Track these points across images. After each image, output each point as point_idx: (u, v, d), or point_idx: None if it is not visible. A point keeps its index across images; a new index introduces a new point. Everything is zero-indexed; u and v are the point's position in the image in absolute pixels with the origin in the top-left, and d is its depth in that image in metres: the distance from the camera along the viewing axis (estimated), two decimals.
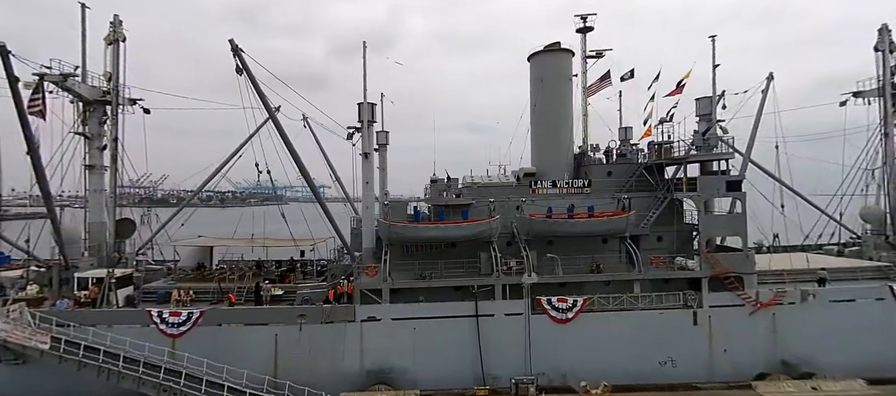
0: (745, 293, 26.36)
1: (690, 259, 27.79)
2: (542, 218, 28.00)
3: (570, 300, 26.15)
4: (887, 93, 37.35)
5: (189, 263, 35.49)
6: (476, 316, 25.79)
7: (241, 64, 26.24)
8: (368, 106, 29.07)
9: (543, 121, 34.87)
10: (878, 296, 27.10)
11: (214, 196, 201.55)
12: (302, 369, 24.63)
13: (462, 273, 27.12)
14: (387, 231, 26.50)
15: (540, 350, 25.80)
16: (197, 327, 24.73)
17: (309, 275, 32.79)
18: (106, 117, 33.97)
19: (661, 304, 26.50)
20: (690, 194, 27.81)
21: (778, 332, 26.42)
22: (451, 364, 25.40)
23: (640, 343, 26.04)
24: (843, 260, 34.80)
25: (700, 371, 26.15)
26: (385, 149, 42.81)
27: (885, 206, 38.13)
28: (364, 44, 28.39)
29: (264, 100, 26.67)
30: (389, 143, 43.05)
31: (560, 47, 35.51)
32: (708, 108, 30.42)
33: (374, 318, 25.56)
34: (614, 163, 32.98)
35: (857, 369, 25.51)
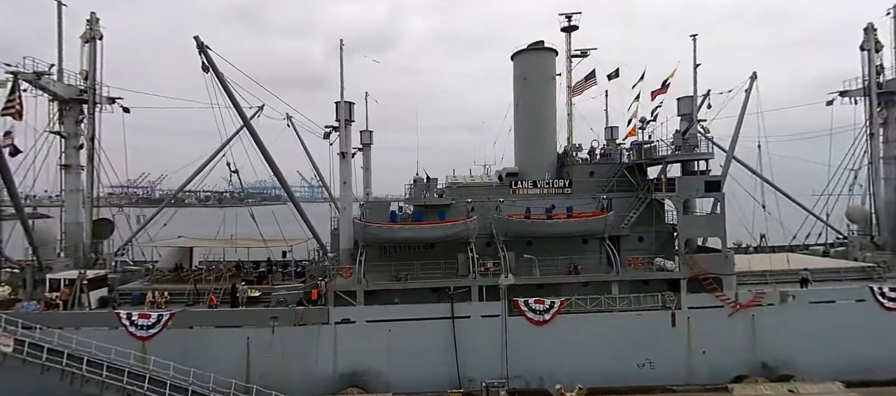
0: (723, 294, 26.10)
1: (670, 260, 27.50)
2: (520, 218, 27.68)
3: (548, 301, 25.85)
4: (872, 92, 37.15)
5: (168, 264, 35.05)
6: (452, 318, 25.46)
7: (208, 61, 25.82)
8: (346, 105, 28.72)
9: (526, 120, 34.59)
10: (859, 298, 26.87)
11: (212, 196, 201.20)
12: (274, 372, 24.28)
13: (438, 274, 26.79)
14: (362, 231, 26.16)
15: (517, 353, 25.49)
16: (167, 329, 24.33)
17: (288, 277, 32.40)
18: (83, 116, 33.56)
19: (639, 306, 26.21)
20: (669, 194, 27.52)
21: (757, 334, 26.18)
22: (426, 367, 25.07)
23: (618, 345, 25.77)
24: (826, 261, 34.62)
25: (678, 372, 25.88)
26: (369, 149, 42.66)
27: (871, 207, 37.98)
28: (340, 42, 28.06)
29: (233, 99, 26.27)
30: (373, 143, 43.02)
31: (543, 46, 35.28)
32: (689, 108, 30.14)
33: (348, 320, 25.21)
34: (596, 163, 32.69)
35: (837, 371, 25.29)
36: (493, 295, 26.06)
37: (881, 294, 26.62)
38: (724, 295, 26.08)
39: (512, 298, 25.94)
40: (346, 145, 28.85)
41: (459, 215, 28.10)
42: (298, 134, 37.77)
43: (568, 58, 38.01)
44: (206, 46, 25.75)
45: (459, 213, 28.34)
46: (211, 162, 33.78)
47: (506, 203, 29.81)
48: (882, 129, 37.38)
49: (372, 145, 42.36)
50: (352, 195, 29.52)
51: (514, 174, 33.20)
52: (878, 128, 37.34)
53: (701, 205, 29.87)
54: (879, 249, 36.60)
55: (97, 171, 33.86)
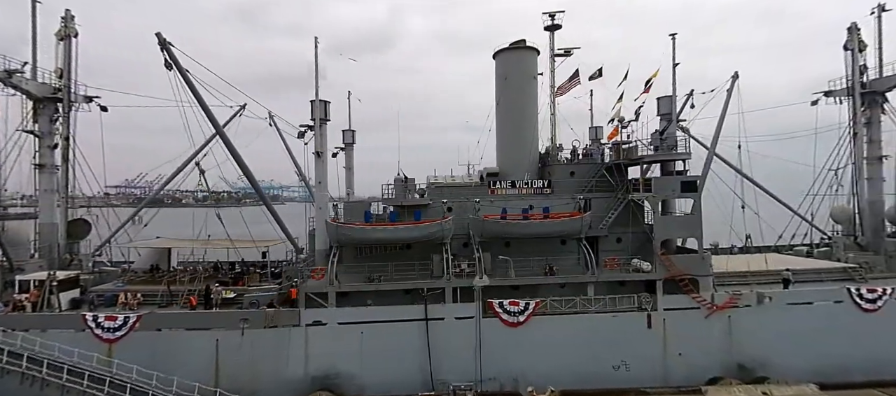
0: (699, 295, 25.86)
1: (647, 261, 27.21)
2: (496, 219, 27.37)
3: (522, 303, 25.57)
4: (856, 92, 36.96)
5: (145, 265, 34.65)
6: (425, 320, 25.15)
7: (171, 59, 25.39)
8: (321, 104, 28.35)
9: (508, 120, 34.31)
10: (837, 299, 26.65)
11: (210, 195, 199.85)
12: (244, 375, 23.95)
13: (413, 275, 26.46)
14: (334, 232, 25.80)
15: (491, 355, 25.20)
16: (134, 332, 23.95)
17: (265, 278, 32.03)
18: (58, 115, 33.10)
19: (615, 307, 25.95)
20: (646, 195, 27.25)
21: (734, 335, 25.95)
22: (399, 370, 24.77)
23: (594, 347, 25.50)
24: (808, 261, 34.47)
25: (654, 374, 25.65)
26: (351, 149, 42.39)
27: (854, 207, 37.81)
28: (315, 39, 27.66)
29: (199, 97, 25.85)
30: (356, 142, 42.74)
31: (525, 45, 34.98)
32: (668, 108, 29.89)
33: (320, 322, 24.86)
34: (576, 164, 32.41)
35: (814, 372, 25.10)
36: (469, 297, 25.77)
37: (859, 295, 26.40)
38: (700, 297, 25.84)
39: (487, 300, 25.66)
40: (322, 145, 28.46)
41: (438, 216, 27.81)
42: (280, 133, 37.47)
43: (551, 57, 37.67)
44: (169, 43, 25.32)
45: (438, 214, 28.06)
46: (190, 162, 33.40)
47: (484, 203, 29.57)
48: (866, 129, 37.22)
49: (354, 145, 42.18)
50: (327, 195, 29.13)
51: (494, 174, 32.93)
52: (862, 128, 37.17)
53: (680, 206, 29.63)
54: (863, 250, 36.48)
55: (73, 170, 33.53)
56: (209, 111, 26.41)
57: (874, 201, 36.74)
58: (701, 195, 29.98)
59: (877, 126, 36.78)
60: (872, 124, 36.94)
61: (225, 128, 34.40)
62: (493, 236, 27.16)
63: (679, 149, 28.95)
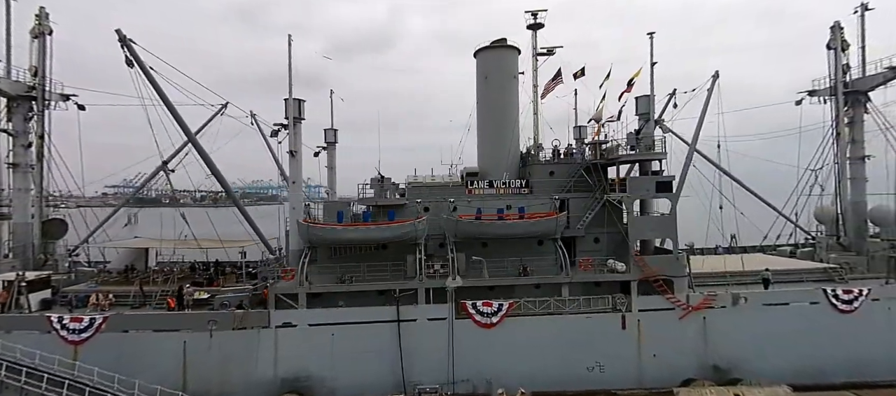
0: (673, 296, 25.64)
1: (622, 261, 26.96)
2: (471, 219, 27.10)
3: (496, 304, 25.31)
4: (839, 91, 36.80)
5: (120, 265, 34.29)
6: (397, 322, 24.88)
7: (132, 56, 25.00)
8: (295, 102, 28.03)
9: (488, 119, 34.07)
10: (813, 300, 26.46)
11: (207, 196, 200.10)
12: (212, 377, 23.64)
13: (386, 276, 26.18)
14: (306, 233, 25.50)
15: (463, 356, 24.95)
16: (101, 334, 23.61)
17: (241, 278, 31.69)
18: (33, 113, 32.72)
19: (589, 308, 25.71)
20: (621, 195, 27.01)
21: (709, 336, 25.75)
22: (371, 372, 24.49)
23: (567, 348, 25.28)
24: (788, 261, 34.33)
25: (629, 376, 25.43)
26: (333, 148, 42.08)
27: (837, 207, 37.64)
28: (289, 37, 27.32)
29: (162, 94, 25.48)
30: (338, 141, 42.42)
31: (506, 44, 34.74)
32: (646, 107, 29.63)
33: (290, 324, 24.55)
34: (556, 163, 32.16)
35: (790, 373, 24.95)
36: (443, 298, 25.51)
37: (835, 296, 26.21)
38: (675, 297, 25.62)
39: (460, 301, 25.40)
40: (296, 144, 28.15)
41: (414, 216, 27.52)
42: (262, 132, 37.15)
43: (534, 56, 37.40)
44: (130, 40, 24.93)
45: (414, 214, 27.78)
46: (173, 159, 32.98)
47: (461, 203, 29.34)
48: (848, 129, 37.05)
49: (336, 144, 41.86)
50: (302, 195, 28.82)
51: (474, 174, 32.70)
52: (845, 128, 36.99)
53: (660, 206, 29.39)
54: (845, 250, 36.33)
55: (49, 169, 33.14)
56: (175, 110, 26.01)
57: (857, 201, 36.58)
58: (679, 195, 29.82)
59: (859, 126, 36.60)
60: (855, 124, 36.76)
61: (206, 127, 34.38)
62: (467, 236, 26.90)
63: (657, 149, 28.71)
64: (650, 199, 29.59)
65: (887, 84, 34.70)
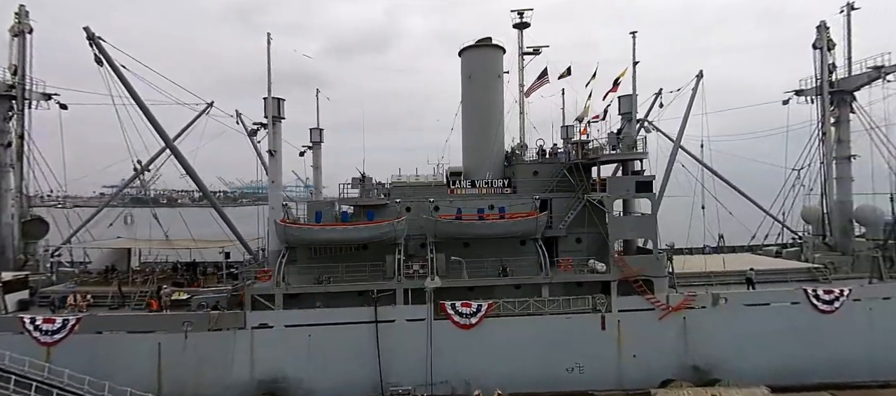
0: (653, 296, 25.50)
1: (603, 262, 26.81)
2: (451, 219, 26.92)
3: (475, 305, 25.14)
4: (825, 91, 36.68)
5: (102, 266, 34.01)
6: (375, 323, 24.69)
7: (100, 53, 24.70)
8: (274, 101, 27.82)
9: (473, 119, 33.93)
10: (794, 300, 26.34)
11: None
12: (187, 379, 23.42)
13: (364, 276, 25.98)
14: (282, 233, 25.29)
15: (442, 357, 24.78)
16: (74, 335, 23.37)
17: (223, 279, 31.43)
18: (12, 113, 32.43)
19: (569, 308, 25.56)
20: (601, 195, 26.84)
21: (689, 337, 25.62)
22: (348, 373, 24.30)
23: (547, 349, 25.13)
24: (774, 261, 34.23)
25: (608, 377, 25.29)
26: (319, 147, 41.86)
27: (822, 207, 37.56)
28: (268, 35, 27.11)
29: (133, 92, 25.19)
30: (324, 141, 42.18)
31: (490, 43, 34.58)
32: (629, 107, 29.49)
33: (266, 325, 24.35)
34: (540, 163, 32.01)
35: (770, 374, 24.89)
36: (423, 299, 25.32)
37: (815, 296, 26.10)
38: (654, 298, 25.49)
39: (440, 301, 25.23)
40: (275, 143, 27.94)
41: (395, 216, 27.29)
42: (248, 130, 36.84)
43: (520, 55, 37.24)
44: (100, 38, 24.66)
45: (395, 214, 27.58)
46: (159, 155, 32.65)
47: (444, 203, 29.17)
48: (834, 129, 36.96)
49: (322, 143, 41.63)
50: (281, 194, 28.61)
51: (458, 173, 32.52)
52: (831, 128, 36.90)
53: (640, 206, 29.24)
54: (831, 250, 36.26)
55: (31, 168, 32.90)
56: (147, 109, 25.71)
57: (843, 201, 36.48)
58: (663, 194, 29.75)
59: (845, 125, 36.47)
60: (841, 123, 36.62)
61: (192, 126, 34.16)
62: (446, 236, 26.71)
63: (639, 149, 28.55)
64: (633, 199, 29.46)
65: (872, 84, 34.66)
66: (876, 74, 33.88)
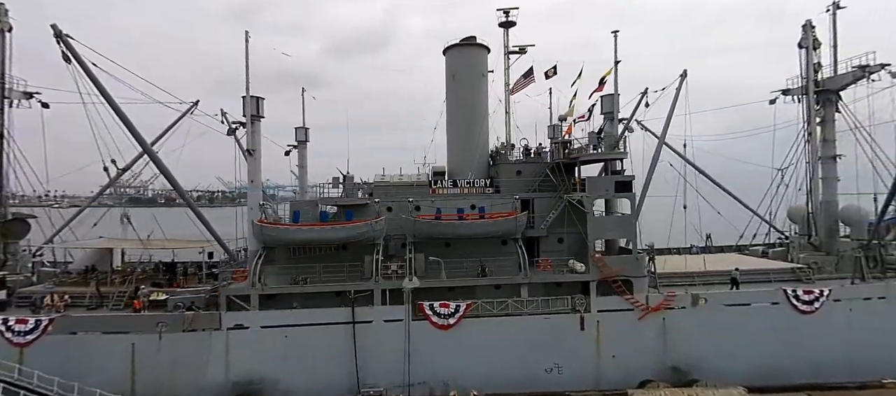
0: (632, 296, 25.38)
1: (582, 262, 26.68)
2: (430, 219, 26.76)
3: (453, 305, 24.99)
4: (810, 91, 36.58)
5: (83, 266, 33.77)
6: (352, 323, 24.52)
7: (68, 51, 24.41)
8: (253, 100, 27.60)
9: (457, 118, 33.75)
10: (774, 301, 26.25)
11: (204, 195, 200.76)
12: (161, 381, 23.21)
13: (343, 277, 25.80)
14: (259, 233, 25.10)
15: (420, 358, 24.61)
16: (48, 336, 23.15)
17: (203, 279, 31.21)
18: None
19: (548, 309, 25.43)
20: (581, 195, 26.70)
21: (668, 337, 25.50)
22: (325, 374, 24.13)
23: (525, 350, 25.00)
24: (759, 261, 34.15)
25: (587, 377, 25.17)
26: (304, 147, 41.59)
27: (808, 207, 37.49)
28: (246, 33, 26.90)
29: (103, 90, 24.91)
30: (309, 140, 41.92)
31: (475, 42, 34.42)
32: (611, 106, 29.35)
33: (242, 326, 24.16)
34: (523, 163, 31.87)
35: (749, 375, 24.83)
36: (401, 299, 25.15)
37: (795, 297, 26.01)
38: (633, 298, 25.37)
39: (417, 302, 25.07)
40: (254, 142, 27.73)
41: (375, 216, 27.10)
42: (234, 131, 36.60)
43: (505, 55, 37.07)
44: (67, 36, 24.39)
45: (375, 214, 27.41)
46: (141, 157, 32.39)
47: (426, 203, 29.02)
48: (820, 128, 36.87)
49: (307, 143, 41.39)
50: (260, 194, 28.41)
51: (441, 173, 32.38)
52: (816, 127, 36.81)
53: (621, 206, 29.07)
54: (817, 250, 36.20)
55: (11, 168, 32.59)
56: (118, 108, 25.44)
57: (828, 201, 36.41)
58: (645, 194, 29.58)
59: (830, 125, 36.38)
60: (826, 123, 36.55)
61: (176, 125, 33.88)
62: (425, 236, 26.55)
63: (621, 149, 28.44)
64: (615, 199, 29.33)
65: (857, 83, 34.58)
66: (861, 74, 33.79)
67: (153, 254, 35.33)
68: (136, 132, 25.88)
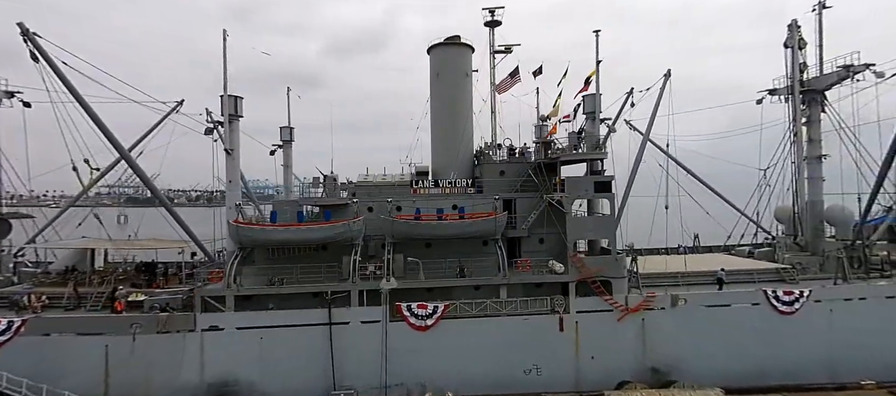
0: (610, 297, 25.23)
1: (561, 262, 26.51)
2: (409, 219, 26.57)
3: (431, 306, 24.81)
4: (796, 91, 36.47)
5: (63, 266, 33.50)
6: (329, 324, 24.32)
7: (36, 50, 24.16)
8: (230, 99, 27.42)
9: (440, 117, 33.58)
10: (754, 301, 26.11)
11: (202, 195, 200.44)
12: (135, 383, 22.99)
13: (320, 278, 25.59)
14: (235, 233, 24.89)
15: (398, 359, 24.43)
16: (21, 337, 22.91)
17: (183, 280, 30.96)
18: None
19: (527, 310, 25.26)
20: (560, 195, 26.53)
21: (647, 338, 25.36)
22: (301, 376, 23.94)
23: (504, 351, 24.84)
24: (744, 261, 34.01)
25: (566, 378, 25.01)
26: (289, 146, 41.46)
27: (793, 207, 37.38)
28: (224, 31, 26.72)
29: (72, 89, 24.67)
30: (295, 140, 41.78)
31: (459, 41, 34.24)
32: (592, 106, 29.19)
33: (217, 327, 23.94)
34: (506, 163, 31.69)
35: (729, 376, 24.71)
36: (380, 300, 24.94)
37: (775, 297, 25.88)
38: (612, 299, 25.21)
39: (396, 303, 24.89)
40: (233, 142, 27.55)
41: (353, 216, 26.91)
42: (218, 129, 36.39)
43: (491, 54, 36.88)
44: (35, 34, 24.14)
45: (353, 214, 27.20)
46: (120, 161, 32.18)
47: (408, 203, 28.85)
48: (806, 128, 36.76)
49: (292, 142, 41.23)
50: (238, 194, 28.20)
51: (424, 172, 32.19)
52: (802, 127, 36.70)
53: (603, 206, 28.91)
54: (803, 250, 36.09)
55: None
56: (89, 108, 25.21)
57: (814, 201, 36.30)
58: (628, 193, 29.45)
59: (816, 125, 36.27)
60: (812, 123, 36.44)
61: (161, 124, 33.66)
62: (403, 237, 26.36)
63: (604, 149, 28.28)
64: (598, 200, 29.19)
65: (842, 83, 34.47)
66: (845, 73, 33.70)
67: (136, 255, 35.22)
68: (107, 131, 25.62)
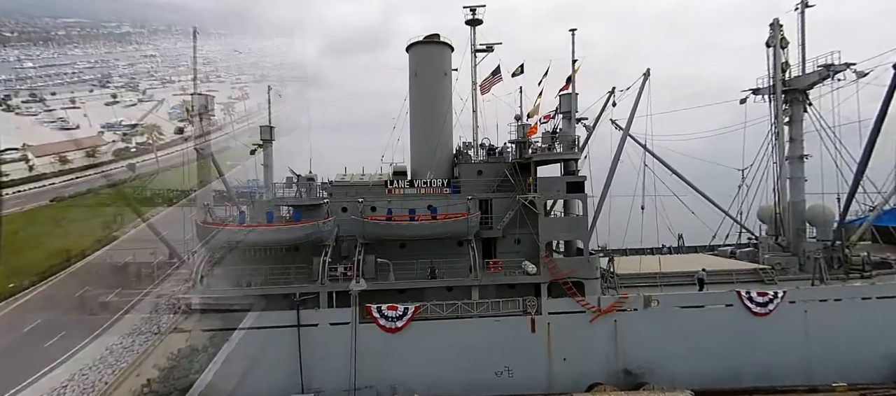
0: (582, 299, 24.98)
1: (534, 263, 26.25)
2: (381, 220, 26.28)
3: (401, 307, 24.54)
4: (778, 90, 36.26)
5: None
6: (297, 326, 24.03)
7: None
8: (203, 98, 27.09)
9: (419, 117, 33.30)
10: (727, 302, 25.91)
11: None
12: None
13: (289, 279, 25.30)
14: (202, 234, 24.58)
15: (367, 362, 24.17)
16: None
17: None
18: None
19: (498, 311, 25.01)
20: (533, 195, 26.27)
21: (620, 340, 25.14)
22: (268, 379, 23.63)
23: (476, 353, 24.60)
24: (724, 262, 33.84)
25: (538, 380, 24.79)
26: (270, 145, 40.97)
27: (775, 207, 37.19)
28: (194, 30, 26.43)
29: None
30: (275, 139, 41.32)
31: (438, 40, 33.97)
32: (569, 105, 28.93)
33: (182, 330, 23.63)
34: (483, 163, 31.42)
35: (703, 377, 24.56)
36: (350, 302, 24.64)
37: (749, 299, 25.67)
38: (584, 300, 24.97)
39: (366, 305, 24.61)
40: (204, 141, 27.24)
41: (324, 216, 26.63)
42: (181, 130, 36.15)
43: (473, 53, 36.57)
44: None
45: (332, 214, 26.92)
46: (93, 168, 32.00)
47: (383, 203, 28.56)
48: (788, 128, 36.58)
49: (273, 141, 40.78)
50: (210, 194, 27.89)
51: (402, 172, 31.91)
52: (784, 127, 36.51)
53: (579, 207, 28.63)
54: (784, 250, 35.92)
55: None
56: None
57: (796, 201, 36.12)
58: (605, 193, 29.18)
59: (798, 125, 36.09)
60: (794, 123, 36.26)
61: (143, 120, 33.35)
62: (374, 238, 26.08)
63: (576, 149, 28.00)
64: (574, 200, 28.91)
65: (823, 82, 34.28)
66: (826, 73, 33.50)
67: None
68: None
